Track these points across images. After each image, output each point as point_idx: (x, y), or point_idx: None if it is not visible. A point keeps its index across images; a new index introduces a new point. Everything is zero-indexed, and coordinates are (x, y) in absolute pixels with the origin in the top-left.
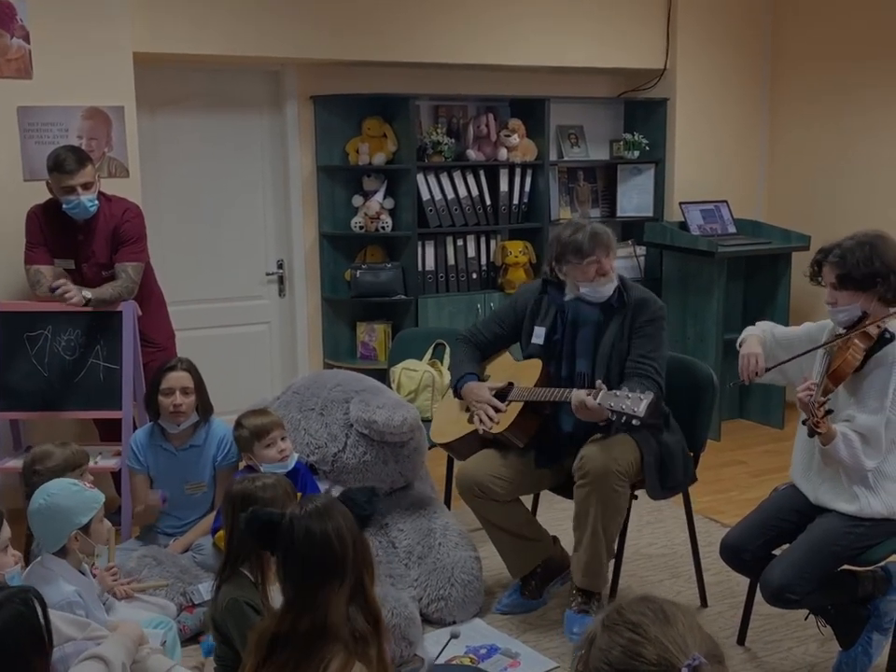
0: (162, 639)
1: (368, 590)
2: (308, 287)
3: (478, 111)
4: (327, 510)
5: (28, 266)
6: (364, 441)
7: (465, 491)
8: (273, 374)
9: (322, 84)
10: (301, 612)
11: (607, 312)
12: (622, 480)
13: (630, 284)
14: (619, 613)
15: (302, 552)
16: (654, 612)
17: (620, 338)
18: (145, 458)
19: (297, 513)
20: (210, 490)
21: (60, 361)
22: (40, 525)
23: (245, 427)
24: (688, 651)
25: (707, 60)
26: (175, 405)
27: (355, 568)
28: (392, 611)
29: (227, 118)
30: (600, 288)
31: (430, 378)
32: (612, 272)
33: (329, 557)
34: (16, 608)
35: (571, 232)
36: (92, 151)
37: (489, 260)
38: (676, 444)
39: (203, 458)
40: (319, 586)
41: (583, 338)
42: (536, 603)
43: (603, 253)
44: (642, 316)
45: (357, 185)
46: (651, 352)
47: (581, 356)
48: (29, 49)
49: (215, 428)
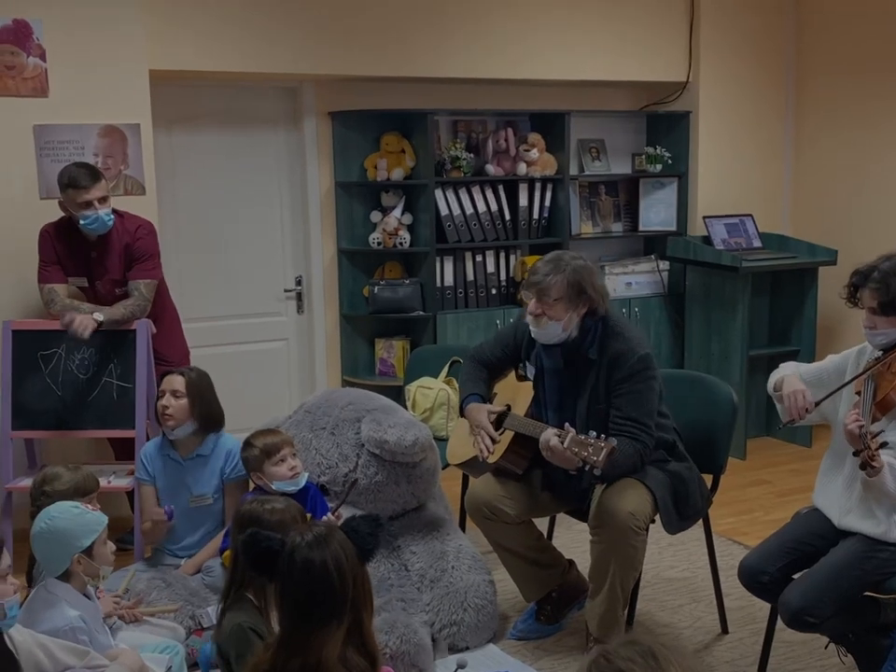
0: (168, 664)
1: (366, 628)
2: (326, 304)
3: (497, 126)
4: (327, 539)
5: (42, 285)
6: (376, 461)
7: (474, 512)
8: (292, 391)
9: (340, 100)
10: (292, 654)
11: (575, 364)
12: (639, 534)
13: (613, 332)
14: (607, 659)
15: (300, 584)
16: (644, 657)
17: (596, 400)
18: (152, 468)
19: (297, 542)
20: (216, 504)
21: (73, 380)
22: (42, 549)
23: (255, 445)
24: None
25: (730, 72)
26: (163, 406)
27: (353, 606)
28: (402, 638)
29: (245, 134)
30: (537, 329)
31: (445, 396)
32: (556, 320)
33: (328, 592)
34: None
35: (546, 260)
36: (108, 169)
37: (508, 276)
38: (687, 471)
39: (208, 469)
40: (315, 626)
41: (550, 389)
42: (552, 628)
43: (536, 293)
44: (619, 373)
45: (375, 201)
46: (631, 412)
47: (549, 407)
48: (45, 68)
49: (224, 441)
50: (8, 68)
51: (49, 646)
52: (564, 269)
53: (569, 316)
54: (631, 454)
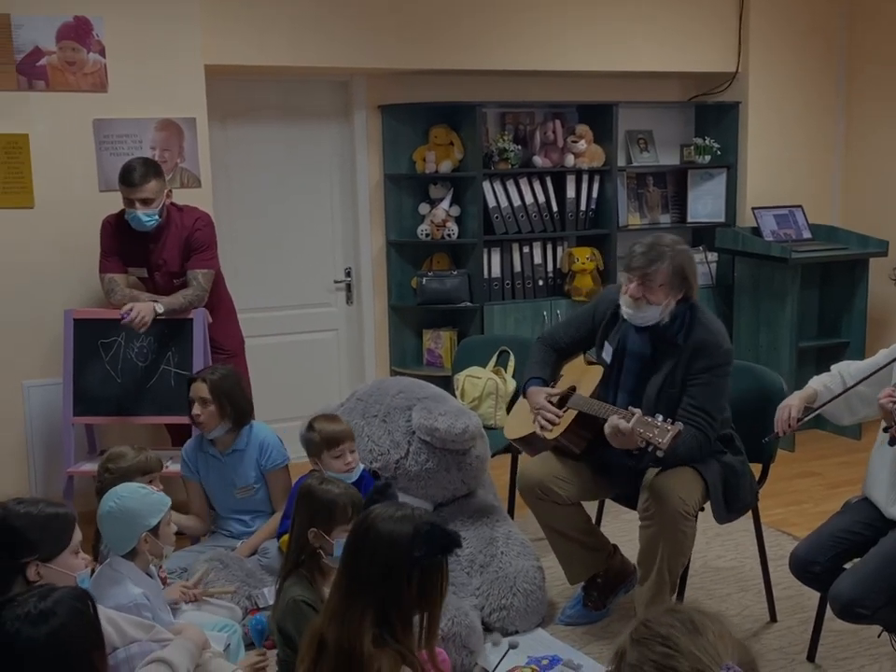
0: (226, 643)
1: (403, 619)
2: (375, 295)
3: (545, 117)
4: (412, 521)
5: (102, 275)
6: (426, 448)
7: (526, 492)
8: (341, 381)
9: (390, 93)
10: (332, 619)
11: (659, 349)
12: (689, 520)
13: (698, 320)
14: (647, 627)
15: (365, 551)
16: (683, 623)
17: (671, 383)
18: (195, 466)
19: (381, 512)
20: (259, 492)
21: (133, 367)
22: (111, 528)
23: (317, 431)
24: (720, 660)
25: (780, 62)
26: (194, 415)
27: (392, 596)
28: (453, 620)
29: (296, 128)
30: (632, 310)
31: (494, 385)
32: (654, 304)
33: (372, 569)
34: (72, 604)
35: (644, 242)
36: (165, 162)
37: (556, 267)
38: (740, 464)
39: (245, 462)
40: (354, 598)
41: (628, 371)
42: (599, 614)
43: (639, 278)
44: (700, 362)
45: (423, 193)
46: (704, 402)
47: (623, 388)
48: (105, 64)
49: (256, 432)
50: (70, 64)
51: (117, 620)
52: (668, 255)
53: (668, 301)
54: (693, 444)
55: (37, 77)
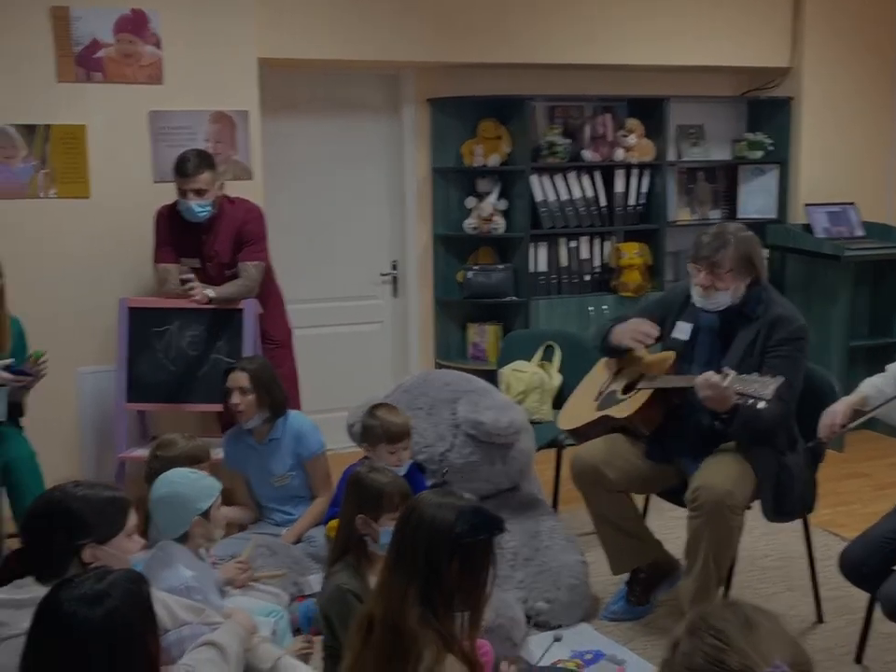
0: (273, 628)
1: (445, 602)
2: (421, 288)
3: (595, 111)
4: (456, 509)
5: (156, 265)
6: (471, 441)
7: (578, 475)
8: (385, 373)
9: (439, 87)
10: (380, 597)
11: (733, 322)
12: (736, 514)
13: (773, 298)
14: (703, 619)
15: (411, 533)
16: (737, 618)
17: (750, 354)
18: (235, 456)
19: (429, 498)
20: (295, 479)
21: (184, 356)
22: (163, 512)
23: (379, 421)
24: (770, 658)
25: (835, 57)
26: (233, 404)
27: (435, 577)
28: (496, 612)
29: (345, 121)
30: (703, 299)
31: (539, 380)
32: (723, 290)
33: (416, 548)
34: (127, 586)
35: (709, 232)
36: (218, 154)
37: (603, 262)
38: (798, 468)
39: (282, 451)
40: (398, 577)
41: (701, 345)
42: (643, 610)
43: (706, 267)
44: (779, 334)
45: (470, 187)
46: (784, 373)
47: (696, 363)
48: (161, 56)
49: (291, 422)
50: (126, 56)
51: (168, 602)
52: (732, 241)
53: (736, 286)
54: (777, 412)
55: (95, 69)
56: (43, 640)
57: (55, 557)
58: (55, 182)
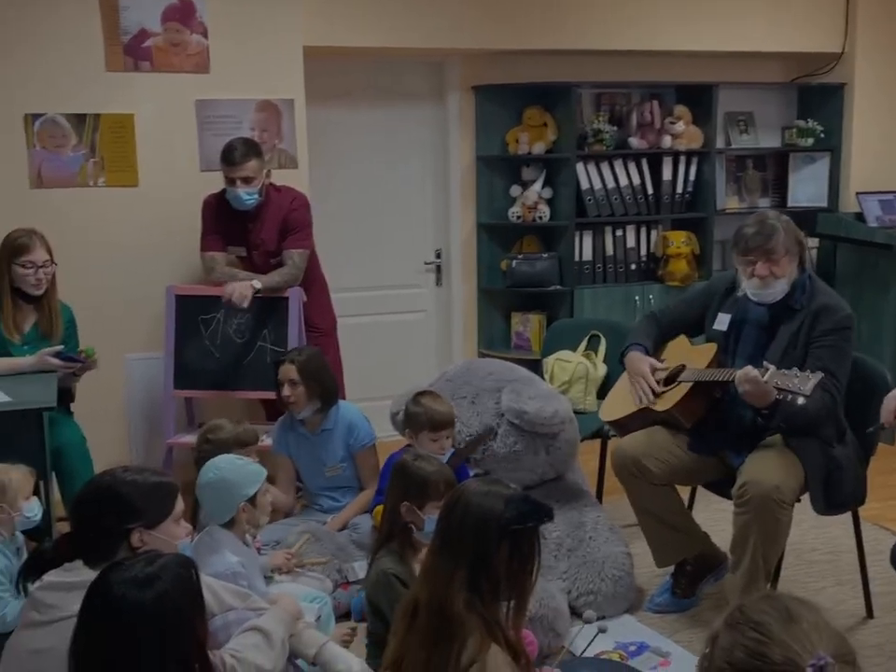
0: (317, 614)
1: (491, 588)
2: (464, 277)
3: (642, 98)
4: (503, 498)
5: (203, 253)
6: (515, 431)
7: (621, 468)
8: (429, 362)
9: (484, 74)
10: (426, 581)
11: (778, 315)
12: (784, 508)
13: (818, 287)
14: (742, 612)
15: (456, 519)
16: (778, 611)
17: (793, 345)
18: (286, 443)
19: (473, 487)
20: (347, 470)
21: (230, 343)
22: (211, 498)
23: (423, 408)
24: (813, 650)
25: (890, 41)
26: (284, 396)
27: (480, 561)
28: (540, 602)
29: (390, 109)
30: (757, 290)
31: (584, 370)
32: (781, 277)
33: (464, 533)
34: (177, 570)
35: (750, 223)
36: (264, 143)
37: (649, 251)
38: (847, 460)
39: (334, 441)
40: (444, 561)
41: (746, 339)
42: (688, 602)
43: (762, 256)
44: (823, 324)
45: (515, 175)
46: (830, 363)
47: (740, 356)
48: (207, 45)
49: (343, 412)
50: (174, 45)
51: (215, 587)
52: (779, 226)
53: (791, 269)
54: (821, 404)
55: (143, 58)
56: (93, 623)
57: (104, 541)
58: (104, 171)
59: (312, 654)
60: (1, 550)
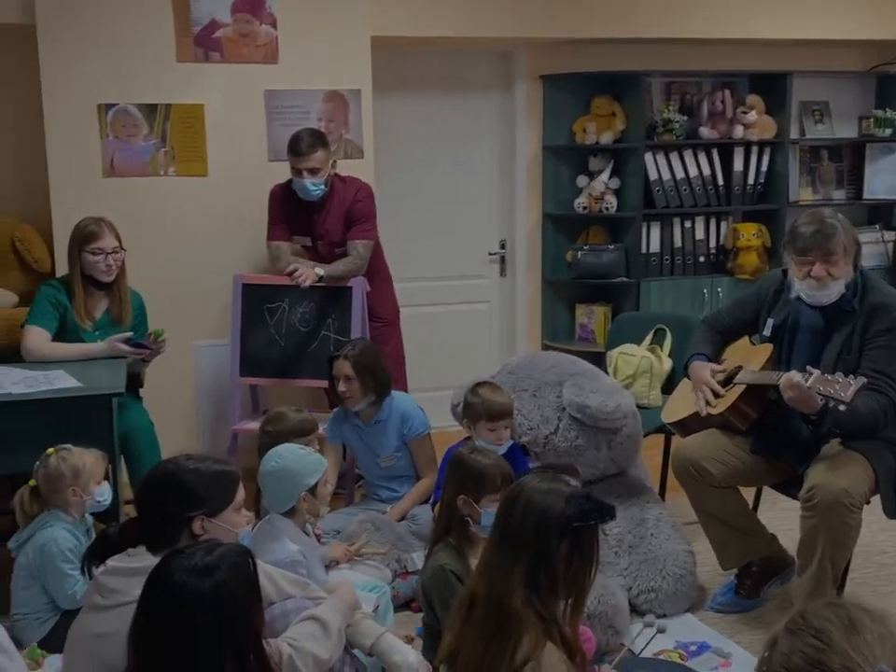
0: (375, 604)
1: (548, 586)
2: (529, 268)
3: (713, 87)
4: (564, 495)
5: (269, 242)
6: (576, 425)
7: (680, 471)
8: (492, 353)
9: (552, 63)
10: (482, 575)
11: (832, 319)
12: (854, 512)
13: (871, 285)
14: (803, 618)
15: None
16: (840, 619)
17: (847, 350)
18: (341, 435)
19: (534, 483)
20: (401, 460)
21: (295, 332)
22: (272, 486)
23: (481, 398)
24: (875, 662)
25: None
26: (341, 392)
27: (542, 559)
28: (599, 599)
29: (456, 99)
30: (812, 291)
31: (649, 364)
32: (838, 278)
33: (523, 530)
34: (235, 559)
35: (804, 222)
36: (331, 133)
37: (719, 243)
38: None
39: (387, 432)
40: (503, 556)
41: (800, 345)
42: (752, 603)
43: (820, 257)
44: (878, 325)
45: (582, 165)
46: (885, 365)
47: (795, 364)
48: (276, 36)
49: (396, 403)
50: (243, 36)
51: (274, 575)
52: (838, 226)
53: (847, 270)
54: (875, 407)
55: (213, 49)
56: (153, 609)
57: (167, 528)
58: (174, 160)
59: (368, 645)
60: (71, 531)
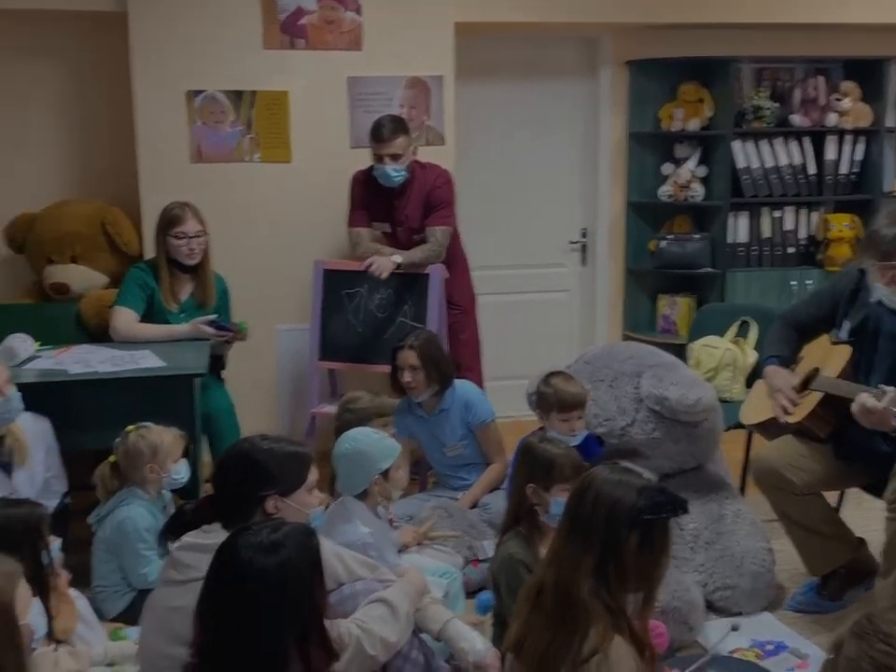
0: (445, 590)
1: (617, 582)
2: (610, 257)
3: (806, 74)
4: (635, 488)
5: (350, 228)
6: (654, 417)
7: (760, 480)
8: (571, 343)
9: (638, 49)
10: (550, 565)
11: None
12: None
13: None
14: (871, 622)
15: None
16: None
17: None
18: (407, 428)
19: (604, 474)
20: (467, 448)
21: (372, 318)
22: (345, 469)
23: (553, 389)
24: None
25: None
26: (406, 382)
27: (611, 550)
28: (673, 594)
29: (540, 85)
30: (894, 297)
31: (732, 357)
32: None
33: (593, 520)
34: (300, 539)
35: (885, 223)
36: (412, 120)
37: (809, 234)
38: None
39: (451, 420)
40: (570, 546)
41: (882, 351)
42: (833, 605)
43: None
44: None
45: (668, 152)
46: None
47: (877, 371)
48: (361, 22)
49: (459, 392)
50: (328, 23)
51: (344, 556)
52: None
53: None
54: None
55: (298, 36)
56: (219, 584)
57: (241, 506)
58: (259, 146)
59: (436, 630)
60: (148, 508)
